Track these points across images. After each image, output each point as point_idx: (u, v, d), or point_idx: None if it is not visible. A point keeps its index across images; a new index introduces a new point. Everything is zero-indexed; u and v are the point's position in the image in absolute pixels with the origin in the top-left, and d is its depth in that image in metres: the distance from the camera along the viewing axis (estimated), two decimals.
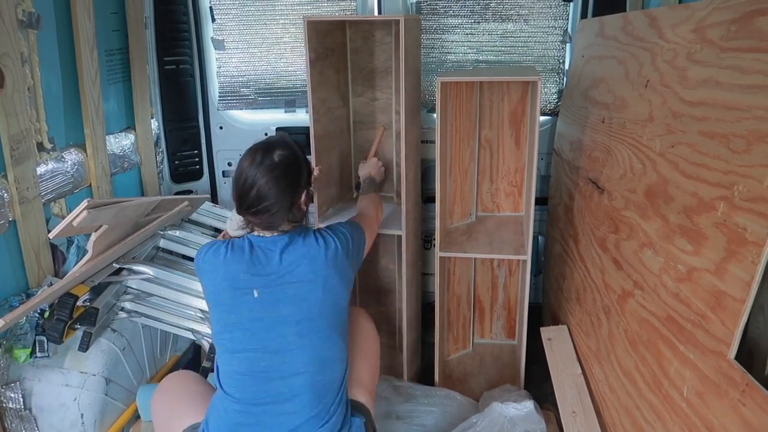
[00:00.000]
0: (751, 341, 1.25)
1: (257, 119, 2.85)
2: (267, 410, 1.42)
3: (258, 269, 1.44)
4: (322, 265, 1.46)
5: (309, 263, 1.45)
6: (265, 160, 1.42)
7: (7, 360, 1.75)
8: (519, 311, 2.47)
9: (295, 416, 1.42)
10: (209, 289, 1.47)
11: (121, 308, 1.96)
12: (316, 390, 1.44)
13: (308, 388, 1.43)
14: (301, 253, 1.46)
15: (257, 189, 1.41)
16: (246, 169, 1.42)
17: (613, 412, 1.57)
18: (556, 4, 2.54)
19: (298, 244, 1.47)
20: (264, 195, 1.41)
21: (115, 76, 2.40)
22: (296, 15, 2.66)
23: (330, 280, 1.47)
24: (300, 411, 1.42)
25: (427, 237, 2.78)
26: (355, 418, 1.53)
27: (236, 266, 1.43)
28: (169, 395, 1.64)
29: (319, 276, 1.46)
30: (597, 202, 1.90)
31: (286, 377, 1.43)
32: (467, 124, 2.29)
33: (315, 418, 1.42)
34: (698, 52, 1.35)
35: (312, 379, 1.43)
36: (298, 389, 1.42)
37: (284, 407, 1.42)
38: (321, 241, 1.49)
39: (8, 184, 1.77)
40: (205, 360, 2.02)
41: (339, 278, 1.49)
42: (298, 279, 1.44)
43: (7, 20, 1.72)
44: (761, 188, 1.01)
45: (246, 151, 1.47)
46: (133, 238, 1.97)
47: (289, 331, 1.43)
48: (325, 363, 1.46)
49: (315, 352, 1.45)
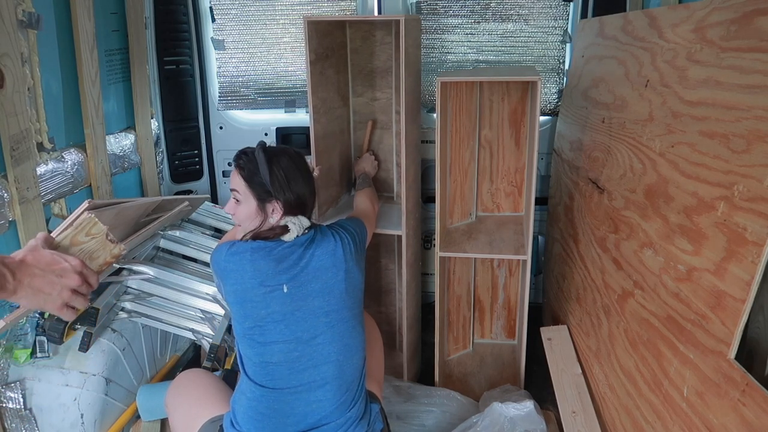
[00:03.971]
0: (751, 341, 1.25)
1: (257, 119, 2.85)
2: (300, 398, 1.47)
3: (284, 265, 1.48)
4: (341, 258, 1.53)
5: (330, 257, 1.52)
6: (268, 156, 1.50)
7: (7, 360, 1.76)
8: (519, 311, 2.47)
9: (326, 403, 1.48)
10: (235, 288, 1.49)
11: (122, 308, 1.96)
12: (344, 377, 1.51)
13: (337, 376, 1.50)
14: (322, 248, 1.52)
15: (284, 170, 1.50)
16: (274, 161, 1.49)
17: (613, 412, 1.57)
18: (556, 4, 2.54)
19: (318, 238, 1.54)
20: (290, 171, 1.50)
21: (115, 76, 2.39)
22: (296, 15, 2.66)
23: (351, 272, 1.55)
24: (330, 398, 1.49)
25: (427, 237, 2.78)
26: (373, 404, 1.62)
27: (263, 263, 1.47)
28: (185, 391, 1.68)
29: (340, 269, 1.53)
30: (597, 202, 1.90)
31: (318, 365, 1.48)
32: (467, 124, 2.29)
33: (342, 405, 1.50)
34: (698, 52, 1.35)
35: (340, 367, 1.50)
36: (329, 377, 1.49)
37: (316, 394, 1.48)
38: (336, 236, 1.57)
39: (8, 184, 1.77)
40: (205, 360, 2.02)
41: (358, 270, 1.59)
42: (322, 272, 1.51)
43: (7, 20, 1.72)
44: (761, 188, 1.01)
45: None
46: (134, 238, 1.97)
47: (320, 321, 1.49)
48: (351, 351, 1.53)
49: (343, 340, 1.52)
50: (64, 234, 1.07)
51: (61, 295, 1.00)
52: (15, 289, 0.95)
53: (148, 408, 1.97)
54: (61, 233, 1.08)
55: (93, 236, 1.10)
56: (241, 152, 1.54)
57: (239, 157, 1.53)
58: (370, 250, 2.58)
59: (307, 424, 1.48)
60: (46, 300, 0.99)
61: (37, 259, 0.98)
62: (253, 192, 1.50)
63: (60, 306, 1.00)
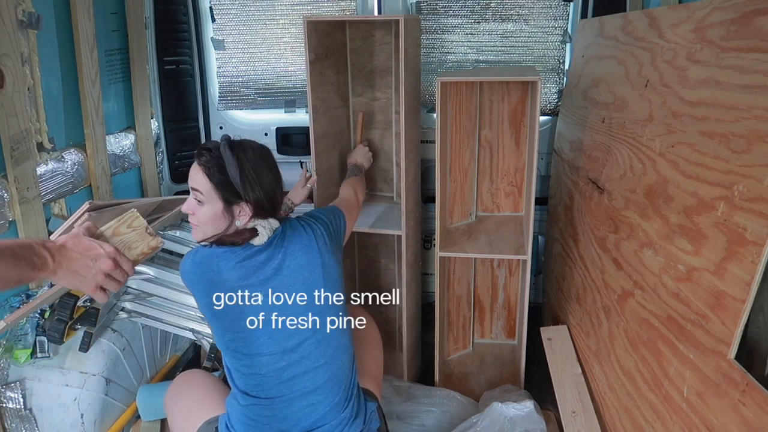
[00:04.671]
0: (751, 341, 1.25)
1: (257, 119, 2.85)
2: (293, 404, 1.45)
3: (256, 271, 1.41)
4: (316, 252, 1.46)
5: (305, 253, 1.45)
6: (235, 152, 1.37)
7: (7, 360, 1.76)
8: (519, 311, 2.47)
9: (320, 406, 1.46)
10: (208, 300, 1.40)
11: (122, 308, 1.97)
12: (335, 379, 1.48)
13: (328, 379, 1.47)
14: (295, 244, 1.45)
15: (253, 168, 1.37)
16: (243, 162, 1.36)
17: (613, 412, 1.57)
18: (556, 4, 2.54)
19: (288, 234, 1.46)
20: (260, 169, 1.38)
21: (115, 76, 2.39)
22: (296, 15, 2.66)
23: (328, 265, 1.48)
24: (323, 401, 1.47)
25: (427, 237, 2.78)
26: (369, 402, 1.59)
27: (233, 272, 1.39)
28: (184, 392, 1.66)
29: (317, 264, 1.46)
30: (597, 202, 1.90)
31: (307, 371, 1.45)
32: (467, 124, 2.29)
33: (336, 406, 1.48)
34: (698, 52, 1.35)
35: (329, 369, 1.47)
36: (320, 381, 1.46)
37: (308, 399, 1.46)
38: (308, 228, 1.49)
39: (8, 184, 1.77)
40: (205, 360, 2.02)
41: (335, 262, 1.51)
42: (298, 272, 1.44)
43: (7, 20, 1.72)
44: (761, 188, 1.01)
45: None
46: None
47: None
48: (337, 350, 1.50)
49: (328, 341, 1.47)
50: (107, 225, 1.19)
51: (95, 278, 1.10)
52: (55, 270, 1.06)
53: (148, 408, 1.97)
54: (105, 225, 1.19)
55: (134, 228, 1.21)
56: (203, 148, 1.37)
57: (201, 154, 1.36)
58: (371, 250, 2.58)
59: (301, 428, 1.45)
60: (81, 282, 1.09)
61: (76, 245, 1.10)
62: (219, 193, 1.35)
63: (94, 288, 1.11)
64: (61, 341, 1.75)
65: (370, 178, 2.46)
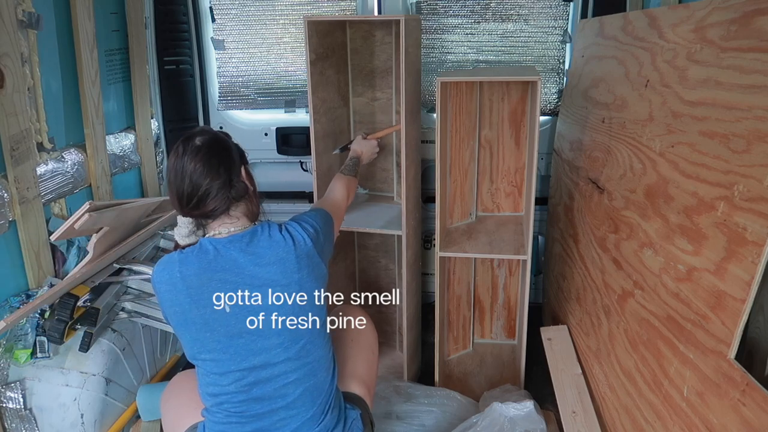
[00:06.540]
0: (751, 341, 1.25)
1: (257, 119, 2.85)
2: (265, 419, 1.40)
3: (222, 276, 1.34)
4: (293, 268, 1.36)
5: (279, 268, 1.36)
6: (187, 148, 1.34)
7: (7, 360, 1.76)
8: (519, 311, 2.47)
9: (293, 420, 1.41)
10: (174, 310, 1.36)
11: (122, 308, 1.97)
12: (309, 393, 1.42)
13: (300, 394, 1.40)
14: (268, 256, 1.36)
15: (189, 177, 1.31)
16: (174, 165, 1.34)
17: (613, 412, 1.57)
18: (556, 4, 2.54)
19: (263, 241, 1.36)
20: (198, 181, 1.31)
21: (115, 76, 2.40)
22: (296, 15, 2.66)
23: (304, 283, 1.38)
24: (296, 415, 1.41)
25: (427, 237, 2.78)
26: (351, 410, 1.52)
27: (196, 279, 1.33)
28: (177, 394, 1.63)
29: (292, 281, 1.37)
30: (597, 202, 1.90)
31: (278, 387, 1.39)
32: (467, 124, 2.29)
33: (312, 419, 1.42)
34: (698, 52, 1.35)
35: (303, 385, 1.41)
36: (291, 396, 1.40)
37: (280, 414, 1.41)
38: (288, 238, 1.38)
39: (8, 184, 1.77)
40: None
41: (313, 280, 1.40)
42: (270, 285, 1.36)
43: (7, 20, 1.72)
44: (761, 188, 1.01)
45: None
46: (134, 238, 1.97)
47: (272, 343, 1.37)
48: (313, 366, 1.42)
49: (301, 359, 1.40)
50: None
51: None
52: None
53: (148, 408, 1.97)
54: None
55: None
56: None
57: None
58: (371, 250, 2.58)
59: None
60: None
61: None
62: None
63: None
64: (61, 341, 1.75)
65: (370, 178, 2.46)
